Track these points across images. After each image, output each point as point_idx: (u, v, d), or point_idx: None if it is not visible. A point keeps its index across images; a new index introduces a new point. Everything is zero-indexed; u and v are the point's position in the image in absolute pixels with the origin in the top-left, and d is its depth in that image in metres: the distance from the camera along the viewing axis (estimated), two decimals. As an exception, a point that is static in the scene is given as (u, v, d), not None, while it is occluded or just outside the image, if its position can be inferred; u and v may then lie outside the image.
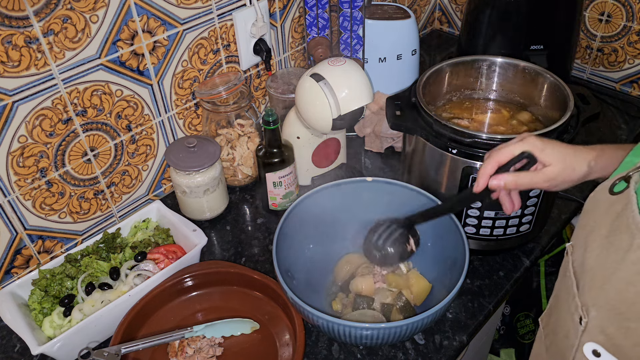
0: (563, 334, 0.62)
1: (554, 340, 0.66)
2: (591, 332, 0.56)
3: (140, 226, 0.97)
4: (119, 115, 0.94)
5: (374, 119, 1.17)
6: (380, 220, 0.82)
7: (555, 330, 0.66)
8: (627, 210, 0.50)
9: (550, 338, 0.68)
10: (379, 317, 0.83)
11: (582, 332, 0.57)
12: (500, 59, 0.97)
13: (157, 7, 0.90)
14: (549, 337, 0.69)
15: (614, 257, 0.52)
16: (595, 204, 0.57)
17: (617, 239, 0.51)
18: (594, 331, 0.55)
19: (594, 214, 0.57)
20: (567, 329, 0.61)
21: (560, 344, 0.63)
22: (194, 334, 0.81)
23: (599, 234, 0.55)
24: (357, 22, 1.11)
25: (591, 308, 0.55)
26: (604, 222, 0.54)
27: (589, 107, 0.87)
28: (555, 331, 0.66)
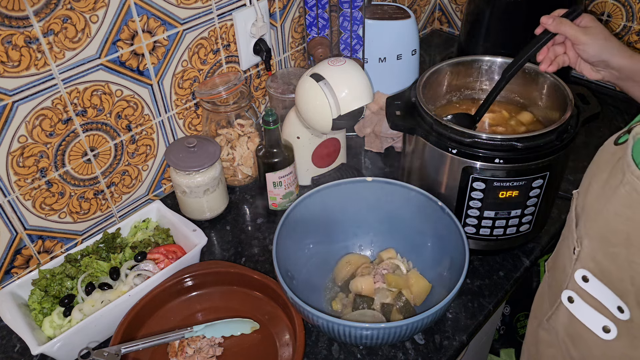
0: (561, 267, 0.69)
1: (554, 275, 0.72)
2: (583, 260, 0.63)
3: (140, 226, 0.97)
4: (119, 115, 0.94)
5: (374, 119, 1.17)
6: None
7: (556, 266, 0.72)
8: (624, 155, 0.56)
9: (552, 275, 0.74)
10: (379, 317, 0.83)
11: (575, 261, 0.64)
12: (500, 59, 0.97)
13: (157, 7, 0.90)
14: (551, 275, 0.75)
15: (608, 193, 0.58)
16: (601, 154, 0.64)
17: (612, 179, 0.58)
18: (585, 259, 0.62)
19: (599, 162, 0.64)
20: (564, 262, 0.68)
21: (558, 276, 0.70)
22: (194, 334, 0.81)
23: (600, 178, 0.61)
24: (357, 22, 1.11)
25: (584, 239, 0.62)
26: (605, 168, 0.60)
27: (589, 107, 0.87)
28: (555, 267, 0.72)
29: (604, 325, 0.61)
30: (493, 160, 0.79)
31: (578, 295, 0.64)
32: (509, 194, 0.82)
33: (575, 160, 1.09)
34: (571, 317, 0.66)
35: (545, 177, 0.81)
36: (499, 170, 0.79)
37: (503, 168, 0.79)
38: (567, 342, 0.68)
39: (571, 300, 0.65)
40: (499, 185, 0.81)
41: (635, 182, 0.53)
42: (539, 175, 0.80)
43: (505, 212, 0.85)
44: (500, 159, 0.78)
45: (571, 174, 1.09)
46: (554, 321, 0.71)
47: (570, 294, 0.66)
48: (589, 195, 0.63)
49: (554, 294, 0.71)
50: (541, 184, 0.82)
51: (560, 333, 0.70)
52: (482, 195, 0.83)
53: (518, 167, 0.79)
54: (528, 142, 0.78)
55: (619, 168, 0.56)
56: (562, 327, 0.69)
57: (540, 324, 0.76)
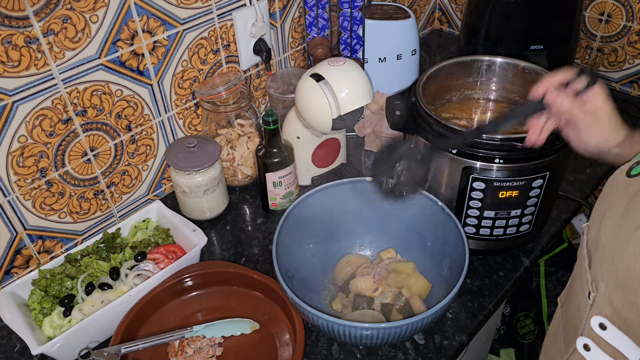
0: (575, 308, 0.64)
1: (567, 316, 0.68)
2: (599, 305, 0.57)
3: (140, 226, 0.97)
4: (118, 115, 0.94)
5: (374, 119, 1.17)
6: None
7: (570, 306, 0.68)
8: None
9: (566, 315, 0.70)
10: (379, 317, 0.83)
11: (590, 306, 0.58)
12: (500, 59, 0.97)
13: (157, 7, 0.90)
14: (565, 314, 0.71)
15: (625, 234, 0.53)
16: (613, 186, 0.59)
17: (630, 218, 0.53)
18: (602, 305, 0.57)
19: (610, 195, 0.59)
20: (578, 303, 0.63)
21: (572, 318, 0.65)
22: (194, 334, 0.81)
23: (614, 214, 0.56)
24: (357, 22, 1.11)
25: (600, 283, 0.57)
26: (619, 203, 0.56)
27: (589, 107, 0.87)
28: (570, 307, 0.67)
29: None
30: (493, 160, 0.79)
31: (595, 344, 0.59)
32: (509, 194, 0.82)
33: (575, 160, 1.09)
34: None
35: (545, 177, 0.81)
36: (499, 170, 0.79)
37: (503, 168, 0.79)
38: None
39: (587, 349, 0.60)
40: (499, 185, 0.81)
41: None
42: (539, 175, 0.80)
43: (505, 212, 0.85)
44: (500, 159, 0.78)
45: (571, 174, 1.09)
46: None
47: (587, 342, 0.60)
48: (603, 232, 0.58)
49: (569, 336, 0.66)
50: (541, 184, 0.82)
51: None
52: (482, 195, 0.83)
53: (518, 167, 0.79)
54: (528, 142, 0.78)
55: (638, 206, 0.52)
56: None
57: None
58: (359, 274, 0.89)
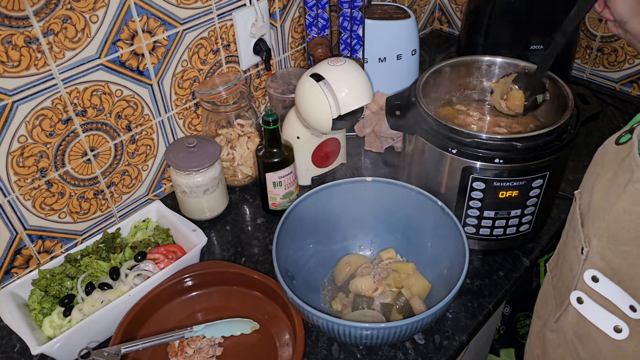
0: (568, 268, 0.68)
1: (560, 276, 0.71)
2: (592, 259, 0.62)
3: (140, 226, 0.97)
4: (118, 115, 0.94)
5: (374, 119, 1.17)
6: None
7: (562, 268, 0.71)
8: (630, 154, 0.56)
9: (557, 276, 0.73)
10: (378, 317, 0.83)
11: (583, 261, 0.63)
12: (500, 59, 0.97)
13: (157, 7, 0.90)
14: (555, 277, 0.74)
15: (616, 191, 0.58)
16: (603, 154, 0.64)
17: (619, 179, 0.58)
18: (595, 258, 0.61)
19: (601, 162, 0.64)
20: (571, 262, 0.67)
21: (564, 277, 0.69)
22: (193, 334, 0.81)
23: (605, 177, 0.61)
24: (357, 22, 1.11)
25: (593, 238, 0.61)
26: (609, 168, 0.60)
27: (589, 107, 0.87)
28: (561, 269, 0.71)
29: (615, 325, 0.61)
30: (493, 160, 0.79)
31: (587, 296, 0.63)
32: (509, 194, 0.82)
33: (575, 160, 1.09)
34: (580, 317, 0.65)
35: (545, 177, 0.81)
36: (499, 170, 0.79)
37: (503, 168, 0.79)
38: (575, 342, 0.67)
39: (580, 301, 0.64)
40: (499, 185, 0.81)
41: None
42: (539, 175, 0.80)
43: (505, 212, 0.85)
44: (500, 159, 0.78)
45: (571, 174, 1.09)
46: (562, 322, 0.70)
47: (580, 295, 0.64)
48: (594, 195, 0.62)
49: (561, 294, 0.70)
50: (541, 184, 0.82)
51: (568, 334, 0.69)
52: (482, 195, 0.83)
53: (518, 167, 0.79)
54: (528, 142, 0.78)
55: (626, 167, 0.56)
56: (571, 327, 0.68)
57: (545, 324, 0.75)
58: (359, 274, 0.89)
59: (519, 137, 0.78)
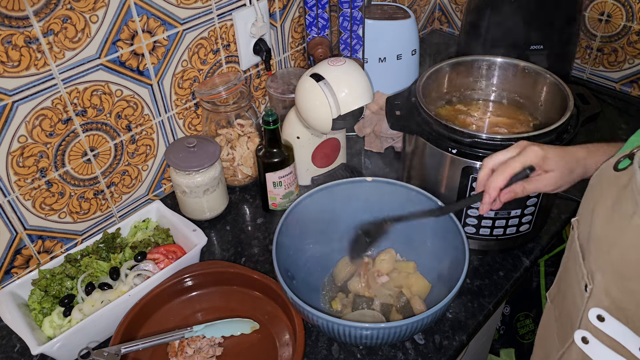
0: (570, 302, 0.64)
1: (562, 309, 0.68)
2: (596, 297, 0.58)
3: (140, 226, 0.97)
4: (118, 115, 0.94)
5: (374, 119, 1.17)
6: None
7: (563, 299, 0.68)
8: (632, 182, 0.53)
9: (559, 308, 0.70)
10: (378, 317, 0.83)
11: (587, 298, 0.59)
12: (500, 59, 0.97)
13: (157, 7, 0.90)
14: (557, 308, 0.71)
15: (618, 224, 0.54)
16: (601, 180, 0.60)
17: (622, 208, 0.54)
18: (599, 296, 0.57)
19: (599, 188, 0.60)
20: (573, 297, 0.63)
21: (567, 311, 0.65)
22: (193, 334, 0.81)
23: (604, 205, 0.58)
24: (357, 22, 1.11)
25: (596, 274, 0.58)
26: (609, 195, 0.57)
27: (589, 107, 0.87)
28: (563, 301, 0.68)
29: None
30: (493, 160, 0.78)
31: (593, 336, 0.59)
32: (509, 194, 0.82)
33: (575, 160, 1.09)
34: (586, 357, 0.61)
35: (545, 177, 0.81)
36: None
37: (503, 168, 0.79)
38: None
39: (585, 341, 0.60)
40: (499, 185, 0.81)
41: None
42: (539, 175, 0.80)
43: (505, 212, 0.85)
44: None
45: (571, 174, 1.09)
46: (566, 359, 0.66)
47: (585, 335, 0.60)
48: (595, 224, 0.59)
49: (564, 330, 0.66)
50: (541, 184, 0.82)
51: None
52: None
53: (518, 167, 0.79)
54: (528, 142, 0.78)
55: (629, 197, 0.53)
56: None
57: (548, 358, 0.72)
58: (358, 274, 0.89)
59: (519, 137, 0.78)
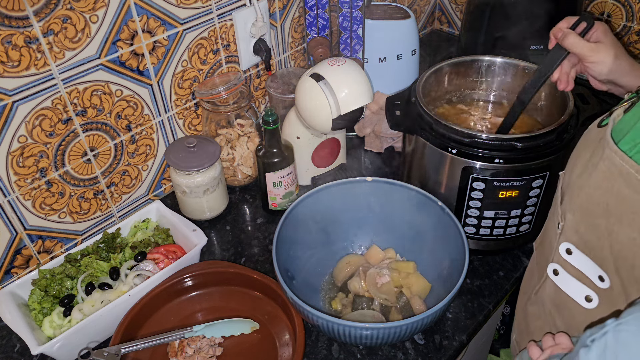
0: (547, 242, 0.73)
1: (541, 252, 0.76)
2: (566, 233, 0.66)
3: (140, 226, 0.97)
4: (118, 115, 0.94)
5: (374, 119, 1.17)
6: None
7: (542, 242, 0.76)
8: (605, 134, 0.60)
9: (539, 250, 0.77)
10: (378, 317, 0.83)
11: (559, 235, 0.68)
12: (500, 59, 0.97)
13: (157, 7, 0.90)
14: (538, 252, 0.78)
15: (589, 169, 0.62)
16: (585, 137, 0.67)
17: (594, 157, 0.61)
18: (569, 232, 0.66)
19: (583, 143, 0.67)
20: (550, 238, 0.72)
21: (545, 252, 0.74)
22: (193, 334, 0.81)
23: (584, 157, 0.65)
24: (357, 22, 1.11)
25: (568, 213, 0.66)
26: (589, 148, 0.64)
27: (589, 107, 0.87)
28: (542, 244, 0.76)
29: (586, 294, 0.65)
30: (493, 160, 0.79)
31: (562, 268, 0.68)
32: (509, 194, 0.82)
33: (575, 160, 1.09)
34: (556, 289, 0.69)
35: (545, 177, 0.81)
36: (498, 170, 0.79)
37: (503, 168, 0.79)
38: (553, 312, 0.72)
39: (556, 273, 0.69)
40: (498, 185, 0.81)
41: (613, 156, 0.57)
42: (539, 175, 0.80)
43: (505, 212, 0.85)
44: (500, 159, 0.78)
45: (571, 174, 1.09)
46: (541, 294, 0.74)
47: (556, 267, 0.69)
48: (573, 174, 0.66)
49: (541, 268, 0.74)
50: (541, 184, 0.82)
51: (546, 304, 0.73)
52: (482, 195, 0.83)
53: (518, 167, 0.79)
54: (528, 142, 0.78)
55: (600, 146, 0.60)
56: (549, 298, 0.72)
57: (528, 298, 0.79)
58: (358, 274, 0.89)
59: (518, 137, 0.78)
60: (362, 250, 0.95)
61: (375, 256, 0.92)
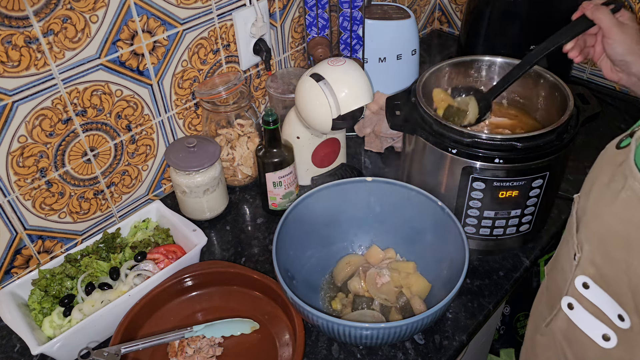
0: (560, 271, 0.68)
1: (553, 278, 0.72)
2: (583, 265, 0.62)
3: (140, 226, 0.97)
4: (118, 115, 0.94)
5: (374, 119, 1.17)
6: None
7: (555, 269, 0.72)
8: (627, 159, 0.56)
9: (551, 277, 0.73)
10: (378, 317, 0.83)
11: (575, 267, 0.63)
12: (500, 59, 0.97)
13: (157, 7, 0.90)
14: (549, 279, 0.74)
15: (609, 197, 0.58)
16: (603, 158, 0.63)
17: (615, 183, 0.57)
18: (586, 264, 0.61)
19: (600, 166, 0.63)
20: (563, 266, 0.67)
21: (557, 281, 0.69)
22: (193, 334, 0.81)
23: (601, 181, 0.60)
24: (357, 22, 1.11)
25: (585, 244, 0.61)
26: (607, 172, 0.60)
27: (589, 107, 0.87)
28: (555, 271, 0.71)
29: (603, 333, 0.60)
30: (493, 160, 0.79)
31: (578, 302, 0.63)
32: (509, 194, 0.82)
33: (575, 160, 1.09)
34: (570, 323, 0.65)
35: (545, 177, 0.81)
36: (498, 170, 0.79)
37: (503, 168, 0.79)
38: (564, 345, 0.68)
39: (571, 307, 0.64)
40: (498, 185, 0.81)
41: (637, 187, 0.53)
42: (539, 175, 0.80)
43: (505, 212, 0.85)
44: (500, 159, 0.78)
45: (571, 174, 1.09)
46: (553, 326, 0.70)
47: (570, 301, 0.64)
48: (590, 199, 0.62)
49: (553, 299, 0.70)
50: (541, 184, 0.82)
51: (557, 337, 0.69)
52: (482, 195, 0.83)
53: (518, 167, 0.79)
54: (528, 142, 0.78)
55: (621, 173, 0.56)
56: (560, 331, 0.68)
57: (537, 328, 0.75)
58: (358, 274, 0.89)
59: (518, 137, 0.78)
60: (362, 250, 0.95)
61: (375, 256, 0.92)
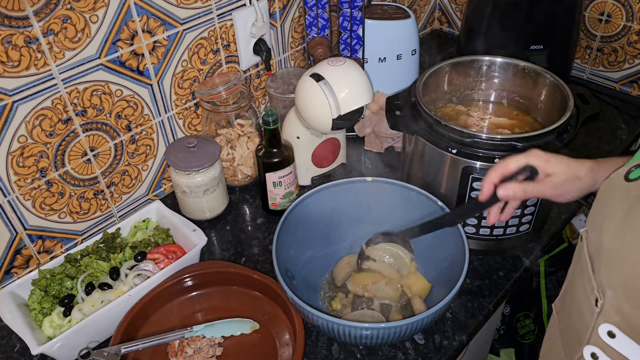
0: (578, 316, 0.63)
1: (568, 323, 0.67)
2: (607, 313, 0.56)
3: (140, 226, 0.97)
4: (118, 115, 0.94)
5: (374, 119, 1.17)
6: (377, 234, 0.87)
7: (570, 313, 0.67)
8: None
9: (565, 321, 0.69)
10: (378, 317, 0.83)
11: (597, 314, 0.57)
12: (500, 59, 0.97)
13: (157, 7, 0.90)
14: (563, 321, 0.70)
15: (631, 238, 0.53)
16: (611, 190, 0.59)
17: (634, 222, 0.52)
18: (610, 312, 0.56)
19: (610, 199, 0.58)
20: (582, 311, 0.61)
21: (575, 326, 0.64)
22: (193, 334, 0.81)
23: (615, 217, 0.56)
24: (357, 22, 1.11)
25: (607, 289, 0.56)
26: (620, 207, 0.55)
27: (589, 107, 0.87)
28: (570, 314, 0.66)
29: None
30: (493, 160, 0.79)
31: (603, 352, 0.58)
32: (509, 194, 0.82)
33: (575, 160, 1.09)
34: None
35: (545, 177, 0.81)
36: (501, 180, 0.79)
37: (503, 168, 0.79)
38: None
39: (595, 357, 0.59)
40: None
41: None
42: (539, 175, 0.80)
43: (505, 212, 0.85)
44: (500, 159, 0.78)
45: (571, 174, 1.09)
46: None
47: (594, 351, 0.59)
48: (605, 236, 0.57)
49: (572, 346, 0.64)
50: (541, 184, 0.82)
51: None
52: (482, 195, 0.83)
53: (518, 167, 0.79)
54: (528, 142, 0.78)
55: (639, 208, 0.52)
56: None
57: None
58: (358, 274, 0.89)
59: (519, 137, 0.78)
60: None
61: (375, 256, 0.92)
